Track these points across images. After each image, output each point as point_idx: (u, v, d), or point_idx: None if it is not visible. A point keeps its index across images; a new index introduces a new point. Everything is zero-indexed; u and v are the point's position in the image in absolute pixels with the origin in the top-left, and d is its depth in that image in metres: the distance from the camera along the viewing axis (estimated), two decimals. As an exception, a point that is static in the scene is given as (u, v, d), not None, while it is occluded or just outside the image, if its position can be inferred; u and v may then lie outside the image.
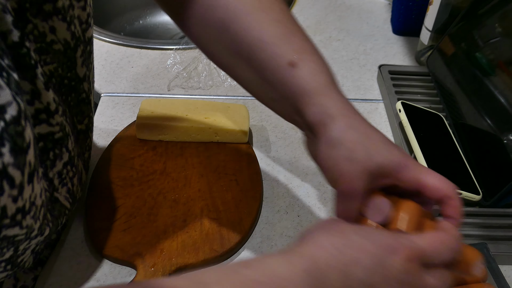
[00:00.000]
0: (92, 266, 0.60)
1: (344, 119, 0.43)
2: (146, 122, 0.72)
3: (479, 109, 0.72)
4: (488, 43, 0.74)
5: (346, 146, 0.42)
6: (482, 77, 0.73)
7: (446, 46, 0.83)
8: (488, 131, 0.69)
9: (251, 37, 0.47)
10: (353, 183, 0.42)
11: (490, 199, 0.65)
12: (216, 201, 0.66)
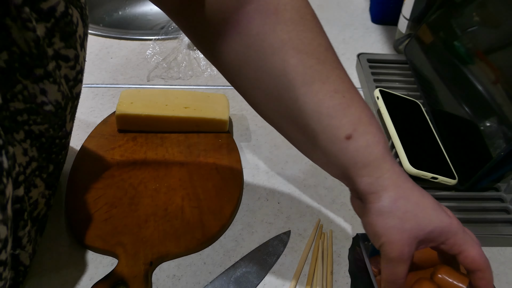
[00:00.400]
0: (73, 256, 0.60)
1: (396, 189, 0.45)
2: (125, 113, 0.72)
3: (456, 96, 0.73)
4: (465, 32, 0.75)
5: (397, 216, 0.44)
6: (460, 65, 0.74)
7: (423, 34, 0.85)
8: (464, 118, 0.70)
9: (308, 109, 0.46)
10: (400, 248, 0.44)
11: (466, 183, 0.67)
12: (197, 189, 0.66)
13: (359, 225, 0.66)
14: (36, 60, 0.43)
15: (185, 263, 0.60)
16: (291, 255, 0.62)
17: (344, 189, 0.70)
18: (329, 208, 0.68)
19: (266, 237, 0.63)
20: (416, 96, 0.81)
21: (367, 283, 0.59)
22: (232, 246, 0.62)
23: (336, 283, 0.60)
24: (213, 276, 0.59)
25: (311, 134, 0.47)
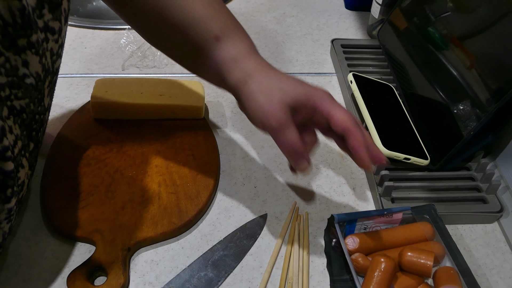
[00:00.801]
0: (51, 245, 0.60)
1: (260, 73, 0.53)
2: (101, 102, 0.72)
3: (429, 79, 0.74)
4: (437, 16, 0.76)
5: (264, 93, 0.51)
6: (432, 48, 0.75)
7: (396, 19, 0.86)
8: (436, 100, 0.72)
9: (185, 17, 0.53)
10: (276, 115, 0.50)
11: (437, 163, 0.68)
12: (174, 176, 0.67)
13: (334, 207, 0.67)
14: (20, 30, 0.43)
15: (163, 248, 0.61)
16: (268, 238, 0.63)
17: (319, 173, 0.71)
18: (305, 191, 0.69)
19: (243, 221, 0.64)
20: (389, 80, 0.83)
21: (342, 262, 0.60)
22: (210, 230, 0.63)
23: (312, 263, 0.61)
24: (190, 260, 0.60)
25: (191, 44, 0.54)
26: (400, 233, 0.61)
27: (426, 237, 0.61)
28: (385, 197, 0.66)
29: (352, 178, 0.71)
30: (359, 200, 0.68)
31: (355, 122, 0.53)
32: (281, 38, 0.95)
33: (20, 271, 0.57)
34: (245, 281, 0.58)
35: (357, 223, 0.62)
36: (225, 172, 0.70)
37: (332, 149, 0.75)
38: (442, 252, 0.59)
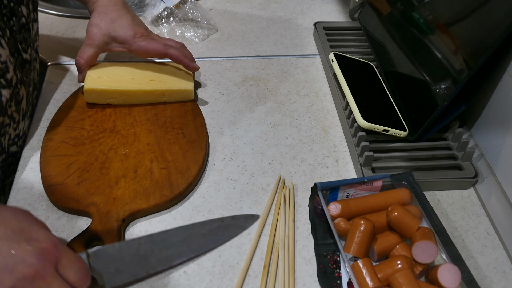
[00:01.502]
0: (50, 219, 0.64)
1: (99, 10, 0.76)
2: (93, 88, 0.75)
3: (407, 56, 0.78)
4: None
5: (95, 24, 0.76)
6: (408, 26, 0.79)
7: (375, 0, 0.89)
8: (413, 75, 0.75)
9: None
10: (93, 36, 0.76)
11: (415, 134, 0.72)
12: (165, 152, 0.70)
13: (318, 178, 0.70)
14: None
15: (156, 220, 0.64)
16: (256, 207, 0.66)
17: (304, 147, 0.75)
18: (290, 164, 0.72)
19: (231, 192, 0.68)
20: (370, 59, 0.86)
21: (325, 227, 0.64)
22: (200, 202, 0.67)
23: (298, 229, 0.64)
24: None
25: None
26: (380, 198, 0.65)
27: (404, 201, 0.64)
28: (366, 166, 0.69)
29: (335, 151, 0.74)
30: (342, 171, 0.72)
31: (167, 45, 0.76)
32: (266, 23, 0.99)
33: (21, 243, 0.61)
34: (235, 247, 0.62)
35: (339, 191, 0.66)
36: (214, 148, 0.74)
37: (315, 125, 0.78)
38: (419, 215, 0.63)
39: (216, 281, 0.58)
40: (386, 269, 0.57)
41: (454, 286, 0.56)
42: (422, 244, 0.58)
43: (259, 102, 0.82)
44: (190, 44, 0.92)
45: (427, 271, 0.59)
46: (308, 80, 0.87)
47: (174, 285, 0.58)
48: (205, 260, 0.60)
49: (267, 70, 0.88)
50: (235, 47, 0.93)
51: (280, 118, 0.79)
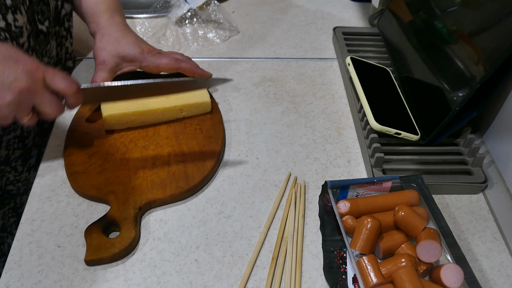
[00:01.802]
0: (71, 204, 0.67)
1: (104, 31, 0.78)
2: (112, 114, 0.74)
3: (423, 62, 0.79)
4: (433, 3, 0.81)
5: (101, 47, 0.77)
6: (427, 32, 0.81)
7: (395, 7, 0.91)
8: (428, 81, 0.77)
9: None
10: (104, 60, 0.76)
11: (427, 138, 0.73)
12: (182, 146, 0.73)
13: (329, 177, 0.73)
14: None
15: (171, 210, 0.67)
16: (267, 202, 0.69)
17: (317, 147, 0.77)
18: (303, 162, 0.74)
19: (244, 187, 0.70)
20: (386, 65, 0.88)
21: (334, 224, 0.66)
22: (214, 195, 0.69)
23: (307, 225, 0.66)
24: (196, 220, 0.66)
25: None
26: (388, 199, 0.67)
27: (412, 202, 0.66)
28: (376, 168, 0.71)
29: (348, 152, 0.76)
30: (353, 172, 0.74)
31: (178, 60, 0.79)
32: (286, 27, 1.02)
33: (43, 226, 0.64)
34: (245, 239, 0.64)
35: (349, 190, 0.68)
36: (230, 145, 0.76)
37: (330, 126, 0.80)
38: (426, 216, 0.64)
39: (225, 270, 0.61)
40: (390, 266, 0.59)
41: (456, 286, 0.58)
42: (426, 244, 0.59)
43: (276, 102, 0.84)
44: (211, 45, 0.95)
45: (431, 270, 0.60)
46: (325, 82, 0.89)
47: (185, 272, 0.61)
48: (216, 250, 0.63)
49: (285, 72, 0.91)
50: (255, 49, 0.96)
51: (296, 118, 0.81)
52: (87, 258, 0.60)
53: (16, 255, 0.61)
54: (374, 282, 0.57)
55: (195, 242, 0.64)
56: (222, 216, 0.67)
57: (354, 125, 0.81)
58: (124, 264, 0.61)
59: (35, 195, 0.68)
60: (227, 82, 0.77)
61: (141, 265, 0.61)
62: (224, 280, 0.60)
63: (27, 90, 0.57)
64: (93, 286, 0.59)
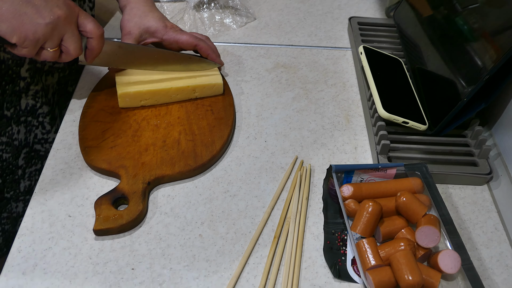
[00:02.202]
0: (83, 177, 0.69)
1: (132, 5, 0.82)
2: (127, 91, 0.76)
3: (435, 55, 0.79)
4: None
5: (129, 19, 0.81)
6: (441, 25, 0.81)
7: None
8: (439, 73, 0.77)
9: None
10: (130, 30, 0.80)
11: (434, 128, 0.74)
12: (193, 126, 0.75)
13: (335, 162, 0.74)
14: None
15: (179, 186, 0.69)
16: (272, 184, 0.70)
17: (325, 133, 0.78)
18: (310, 147, 0.76)
19: (251, 168, 0.72)
20: (399, 56, 0.89)
21: (336, 208, 0.67)
22: (221, 174, 0.71)
23: (310, 207, 0.68)
24: (202, 197, 0.68)
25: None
26: (391, 185, 0.68)
27: (415, 190, 0.67)
28: (382, 155, 0.72)
29: (355, 139, 0.77)
30: (359, 158, 0.75)
31: (197, 38, 0.82)
32: (302, 15, 1.02)
33: (56, 196, 0.67)
34: (249, 217, 0.66)
35: (354, 176, 0.69)
36: (240, 127, 0.78)
37: (339, 113, 0.81)
38: (428, 203, 0.65)
39: (228, 246, 0.63)
40: (389, 249, 0.60)
41: (453, 272, 0.59)
42: (425, 229, 0.60)
43: (287, 88, 0.85)
44: (228, 30, 0.97)
45: (429, 256, 0.61)
46: (337, 71, 0.90)
47: (189, 246, 0.63)
48: (220, 226, 0.65)
49: (299, 59, 0.92)
50: (270, 36, 0.97)
51: (306, 104, 0.83)
52: (95, 228, 0.62)
53: (28, 222, 0.64)
54: (372, 264, 0.58)
55: (200, 218, 0.66)
56: (228, 195, 0.69)
57: (364, 114, 0.82)
58: (131, 236, 0.63)
59: (49, 166, 0.70)
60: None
61: (147, 237, 0.63)
62: (226, 255, 0.62)
63: (64, 18, 0.62)
64: (100, 254, 0.61)
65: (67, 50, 0.66)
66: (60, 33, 0.63)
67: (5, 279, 0.58)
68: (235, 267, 0.61)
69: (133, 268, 0.60)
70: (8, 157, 0.80)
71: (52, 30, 0.62)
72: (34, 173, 0.87)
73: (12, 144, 0.79)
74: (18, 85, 0.78)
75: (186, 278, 0.60)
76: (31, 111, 0.82)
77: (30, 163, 0.86)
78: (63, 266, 0.60)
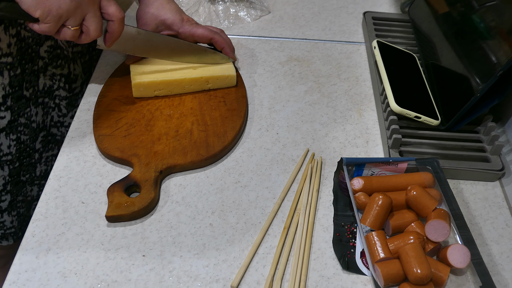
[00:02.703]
0: (96, 165, 0.70)
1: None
2: (141, 81, 0.77)
3: (450, 50, 0.79)
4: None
5: (146, 11, 0.81)
6: (456, 21, 0.81)
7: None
8: (453, 69, 0.77)
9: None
10: (146, 22, 0.81)
11: (447, 123, 0.74)
12: (205, 117, 0.75)
13: (346, 155, 0.74)
14: None
15: (191, 176, 0.70)
16: (283, 175, 0.71)
17: (337, 126, 0.78)
18: (322, 140, 0.76)
19: (263, 160, 0.73)
20: (413, 51, 0.88)
21: (347, 200, 0.68)
22: (232, 165, 0.72)
23: (320, 199, 0.68)
24: (214, 187, 0.69)
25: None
26: (402, 179, 0.68)
27: (426, 184, 0.67)
28: (393, 149, 0.72)
29: (367, 133, 0.78)
30: (370, 152, 0.75)
31: (212, 31, 0.83)
32: (317, 9, 1.03)
33: (69, 182, 0.68)
34: (259, 208, 0.67)
35: (364, 169, 0.69)
36: (252, 119, 0.79)
37: (351, 107, 0.82)
38: (439, 198, 0.65)
39: (238, 235, 0.63)
40: (398, 242, 0.60)
41: (462, 266, 0.59)
42: (435, 223, 0.60)
43: (300, 81, 0.86)
44: (242, 23, 0.97)
45: (439, 250, 0.61)
46: (351, 65, 0.90)
47: (199, 235, 0.63)
48: (230, 216, 0.65)
49: (312, 53, 0.92)
50: (284, 29, 0.97)
51: (318, 98, 0.83)
52: (108, 214, 0.63)
53: (43, 208, 0.65)
54: (381, 257, 0.58)
55: (211, 207, 0.66)
56: (239, 186, 0.69)
57: (376, 108, 0.82)
58: (142, 223, 0.64)
59: (64, 153, 0.72)
60: None
61: (158, 225, 0.64)
62: (236, 244, 0.62)
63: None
64: (112, 241, 0.62)
65: (87, 30, 0.67)
66: (83, 11, 0.64)
67: (18, 262, 0.59)
68: (244, 256, 0.61)
69: (144, 255, 0.61)
70: (26, 139, 0.81)
71: (76, 8, 0.63)
72: (50, 158, 0.88)
73: (30, 126, 0.81)
74: (37, 64, 0.79)
75: (196, 266, 0.60)
76: (48, 92, 0.83)
77: (47, 148, 0.87)
78: (76, 251, 0.61)
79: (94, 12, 0.66)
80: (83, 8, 0.64)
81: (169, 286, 0.58)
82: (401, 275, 0.57)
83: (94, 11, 0.66)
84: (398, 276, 0.57)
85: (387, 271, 0.57)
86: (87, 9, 0.65)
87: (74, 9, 0.63)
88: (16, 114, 0.78)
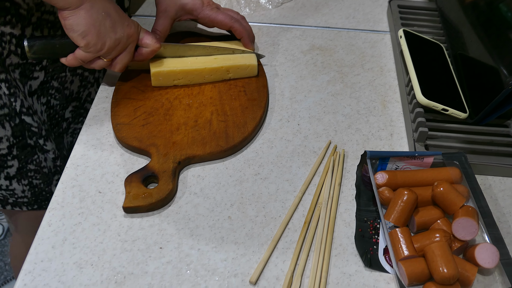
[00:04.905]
0: (114, 154, 0.69)
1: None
2: (160, 70, 0.75)
3: (479, 41, 0.76)
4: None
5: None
6: (486, 11, 0.77)
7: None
8: (482, 60, 0.74)
9: None
10: (166, 8, 0.78)
11: (475, 116, 0.71)
12: (225, 107, 0.74)
13: (370, 148, 0.72)
14: None
15: (209, 167, 0.68)
16: (305, 168, 0.69)
17: (360, 118, 0.76)
18: (344, 132, 0.74)
19: (283, 151, 0.71)
20: (440, 41, 0.85)
21: (370, 195, 0.65)
22: (252, 156, 0.70)
23: (342, 193, 0.66)
24: (233, 179, 0.67)
25: None
26: (428, 174, 0.65)
27: (453, 180, 0.64)
28: (419, 142, 0.70)
29: (391, 125, 0.75)
30: (395, 145, 0.72)
31: (233, 19, 0.80)
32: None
33: (87, 171, 0.67)
34: (279, 201, 0.65)
35: (389, 163, 0.67)
36: (273, 109, 0.77)
37: (375, 98, 0.79)
38: (466, 194, 0.63)
39: (257, 229, 0.62)
40: (423, 240, 0.58)
41: (490, 266, 0.56)
42: (463, 221, 0.58)
43: (323, 71, 0.83)
44: (263, 10, 0.95)
45: (466, 249, 0.59)
46: (375, 55, 0.87)
47: (218, 227, 0.62)
48: (250, 209, 0.64)
49: (335, 42, 0.89)
50: (306, 17, 0.95)
51: (341, 88, 0.80)
52: (125, 205, 0.62)
53: (59, 197, 0.64)
54: (405, 255, 0.56)
55: (230, 200, 0.65)
56: (259, 178, 0.67)
57: (401, 100, 0.79)
58: (159, 215, 0.63)
59: (81, 142, 0.70)
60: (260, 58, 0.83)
61: (176, 217, 0.63)
62: (255, 238, 0.61)
63: (131, 35, 0.68)
64: (129, 232, 0.61)
65: (115, 64, 0.70)
66: (122, 48, 0.69)
67: (34, 252, 0.59)
68: (263, 250, 0.60)
69: (161, 247, 0.60)
70: (56, 104, 0.80)
71: (116, 45, 0.67)
72: (78, 131, 0.87)
73: (62, 91, 0.80)
74: None
75: (214, 259, 0.59)
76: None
77: (77, 120, 0.86)
78: (92, 241, 0.60)
79: (129, 50, 0.70)
80: (123, 45, 0.68)
81: (187, 279, 0.57)
82: (426, 274, 0.55)
83: (130, 49, 0.70)
84: (423, 275, 0.55)
85: (411, 269, 0.55)
86: (126, 46, 0.69)
87: (115, 46, 0.67)
88: (49, 76, 0.78)
